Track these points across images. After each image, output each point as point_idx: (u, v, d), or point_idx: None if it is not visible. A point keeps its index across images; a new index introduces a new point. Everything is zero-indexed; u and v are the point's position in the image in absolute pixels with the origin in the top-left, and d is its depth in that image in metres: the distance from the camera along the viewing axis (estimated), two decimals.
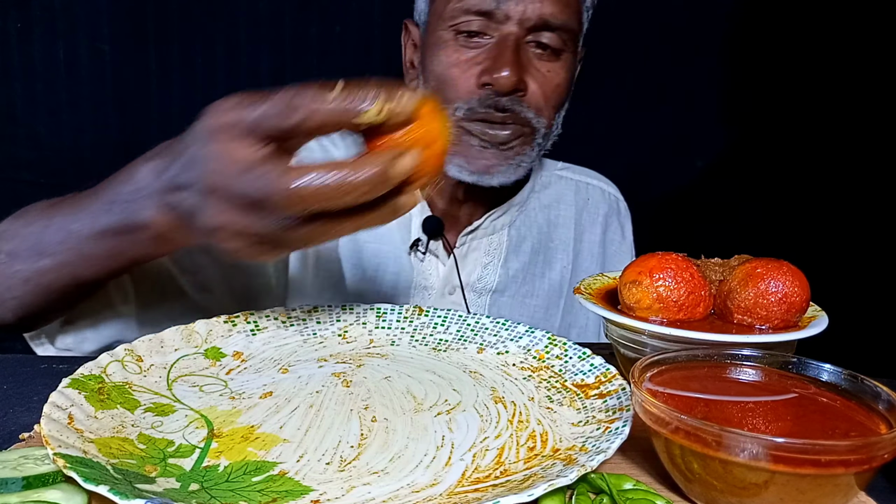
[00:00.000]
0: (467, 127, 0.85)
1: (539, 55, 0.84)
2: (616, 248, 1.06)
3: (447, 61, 0.85)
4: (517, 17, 0.81)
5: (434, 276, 0.95)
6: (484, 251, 0.97)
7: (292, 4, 1.14)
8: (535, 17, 0.82)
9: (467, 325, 0.69)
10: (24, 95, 1.10)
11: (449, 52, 0.85)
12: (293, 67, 1.16)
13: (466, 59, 0.84)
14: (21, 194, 1.13)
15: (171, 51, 1.12)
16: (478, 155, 0.85)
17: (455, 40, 0.84)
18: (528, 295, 0.99)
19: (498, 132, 0.84)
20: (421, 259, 0.94)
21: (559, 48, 0.85)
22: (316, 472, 0.43)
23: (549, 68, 0.85)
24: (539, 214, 1.02)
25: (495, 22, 0.82)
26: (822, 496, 0.37)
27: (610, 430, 0.46)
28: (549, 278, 1.00)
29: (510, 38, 0.82)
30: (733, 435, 0.37)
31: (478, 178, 0.86)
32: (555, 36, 0.83)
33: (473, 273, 0.96)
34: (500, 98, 0.82)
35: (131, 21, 1.11)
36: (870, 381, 0.44)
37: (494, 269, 0.97)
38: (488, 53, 0.83)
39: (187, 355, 0.61)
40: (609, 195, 1.08)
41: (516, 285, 0.99)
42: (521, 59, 0.82)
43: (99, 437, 0.45)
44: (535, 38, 0.83)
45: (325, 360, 0.63)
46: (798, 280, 0.55)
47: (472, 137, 0.85)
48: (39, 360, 0.64)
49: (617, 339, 0.60)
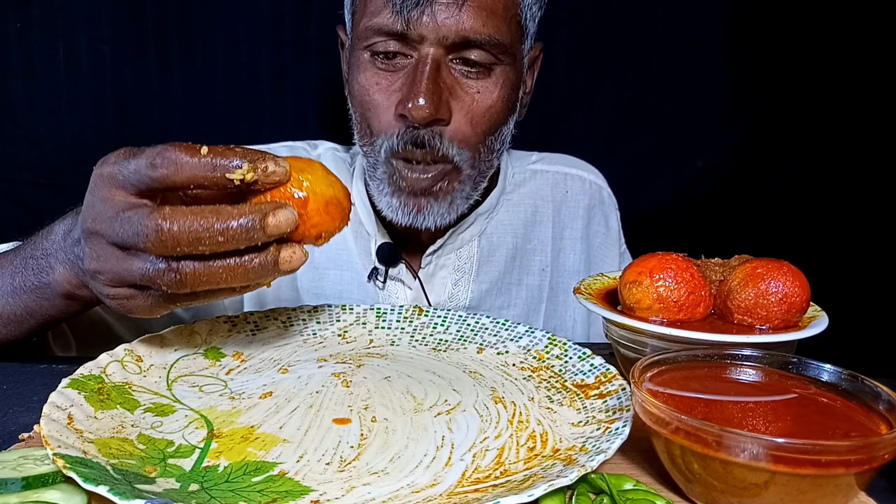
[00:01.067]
0: (396, 166, 0.78)
1: (466, 73, 0.76)
2: (601, 241, 1.00)
3: (366, 85, 0.77)
4: (433, 37, 0.73)
5: (402, 301, 0.89)
6: (452, 268, 0.91)
7: (292, 4, 1.13)
8: (452, 35, 0.73)
9: (467, 326, 0.69)
10: (24, 95, 1.10)
11: (368, 74, 0.77)
12: (293, 67, 1.16)
13: (385, 85, 0.76)
14: (21, 194, 1.14)
15: (171, 51, 1.12)
16: (407, 197, 0.79)
17: (372, 62, 0.77)
18: (505, 306, 0.94)
19: (419, 176, 0.78)
20: (381, 288, 0.90)
21: (489, 63, 0.76)
22: (316, 473, 0.43)
23: (480, 88, 0.76)
24: (512, 217, 0.95)
25: (411, 43, 0.74)
26: (823, 496, 0.37)
27: (610, 431, 0.46)
28: (526, 284, 0.95)
29: (427, 61, 0.73)
30: (733, 435, 0.37)
31: (411, 219, 0.80)
32: (482, 52, 0.75)
33: (443, 293, 0.91)
34: (417, 131, 0.75)
35: (131, 21, 1.10)
36: (870, 381, 0.44)
37: (466, 286, 0.91)
38: (405, 79, 0.75)
39: (187, 355, 0.61)
40: (590, 184, 1.00)
41: (491, 298, 0.93)
42: (439, 85, 0.74)
43: (99, 438, 0.45)
44: (460, 56, 0.75)
45: (324, 361, 0.63)
46: (798, 280, 0.55)
47: (401, 179, 0.78)
48: (39, 361, 0.64)
49: (617, 339, 0.59)
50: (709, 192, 1.31)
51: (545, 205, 0.97)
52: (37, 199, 1.14)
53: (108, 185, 0.47)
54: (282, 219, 0.46)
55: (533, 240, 0.96)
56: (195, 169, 0.45)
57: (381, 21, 0.74)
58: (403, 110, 0.74)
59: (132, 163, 0.46)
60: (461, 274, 0.91)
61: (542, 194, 0.97)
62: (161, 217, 0.44)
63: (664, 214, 1.29)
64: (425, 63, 0.73)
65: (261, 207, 0.45)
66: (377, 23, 0.74)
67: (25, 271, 0.59)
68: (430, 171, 0.78)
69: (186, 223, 0.44)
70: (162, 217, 0.44)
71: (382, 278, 0.89)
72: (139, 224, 0.45)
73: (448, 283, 0.91)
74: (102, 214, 0.47)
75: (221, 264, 0.46)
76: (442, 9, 0.72)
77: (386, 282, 0.89)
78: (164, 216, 0.44)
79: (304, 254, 0.49)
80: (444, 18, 0.72)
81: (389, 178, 0.79)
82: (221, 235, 0.44)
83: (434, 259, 0.90)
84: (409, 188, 0.78)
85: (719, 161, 1.30)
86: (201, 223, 0.44)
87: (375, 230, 0.89)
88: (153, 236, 0.44)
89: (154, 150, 0.46)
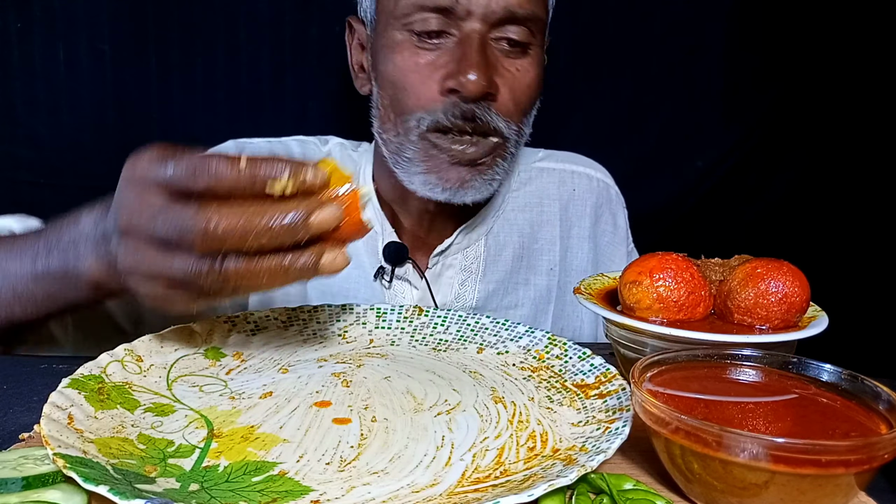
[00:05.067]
0: (433, 140, 0.77)
1: (507, 52, 0.76)
2: (609, 240, 0.98)
3: (404, 66, 0.76)
4: (480, 12, 0.73)
5: (408, 301, 0.88)
6: (459, 268, 0.90)
7: (292, 4, 1.13)
8: (500, 10, 0.73)
9: (467, 325, 0.69)
10: (24, 95, 1.10)
11: (405, 54, 0.76)
12: (293, 67, 1.16)
13: (426, 63, 0.75)
14: (21, 194, 1.14)
15: (171, 51, 1.12)
16: (448, 170, 0.78)
17: (411, 41, 0.75)
18: (512, 306, 0.93)
19: (467, 148, 0.76)
20: (387, 287, 0.89)
21: (527, 42, 0.77)
22: (316, 472, 0.43)
23: (519, 66, 0.77)
24: (519, 216, 0.94)
25: (456, 19, 0.73)
26: (823, 496, 0.37)
27: (610, 431, 0.46)
28: (534, 284, 0.94)
29: (474, 37, 0.73)
30: (733, 435, 0.37)
31: (450, 195, 0.79)
32: (522, 29, 0.75)
33: (450, 293, 0.90)
34: (467, 106, 0.74)
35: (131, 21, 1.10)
36: (870, 381, 0.44)
37: (472, 286, 0.90)
38: (451, 55, 0.74)
39: (187, 355, 0.61)
40: (597, 182, 0.99)
41: (498, 298, 0.92)
42: (488, 60, 0.74)
43: (99, 437, 0.45)
44: (501, 34, 0.75)
45: (325, 360, 0.63)
46: (798, 280, 0.55)
47: (440, 152, 0.77)
48: (39, 361, 0.64)
49: (617, 339, 0.59)
50: (709, 192, 1.31)
51: (552, 203, 0.96)
52: (37, 199, 1.14)
53: (145, 185, 0.47)
54: (327, 216, 0.46)
55: (540, 239, 0.95)
56: (235, 181, 0.45)
57: None
58: (455, 84, 0.73)
59: (170, 168, 0.46)
60: (468, 274, 0.90)
61: (548, 192, 0.96)
62: (209, 213, 0.44)
63: (664, 214, 1.28)
64: (473, 38, 0.74)
65: (307, 205, 0.46)
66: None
67: (49, 257, 0.58)
68: (478, 144, 0.77)
69: (234, 220, 0.44)
70: (210, 213, 0.44)
71: (388, 277, 0.88)
72: (187, 220, 0.45)
73: (455, 283, 0.90)
74: (141, 212, 0.47)
75: (263, 264, 0.46)
76: None
77: (392, 281, 0.88)
78: (213, 213, 0.44)
79: (347, 258, 0.49)
80: None
81: (425, 154, 0.78)
82: (269, 233, 0.45)
83: (441, 259, 0.89)
84: (454, 159, 0.77)
85: (719, 161, 1.30)
86: (248, 220, 0.44)
87: (384, 229, 0.89)
88: (201, 232, 0.44)
89: (192, 161, 0.46)
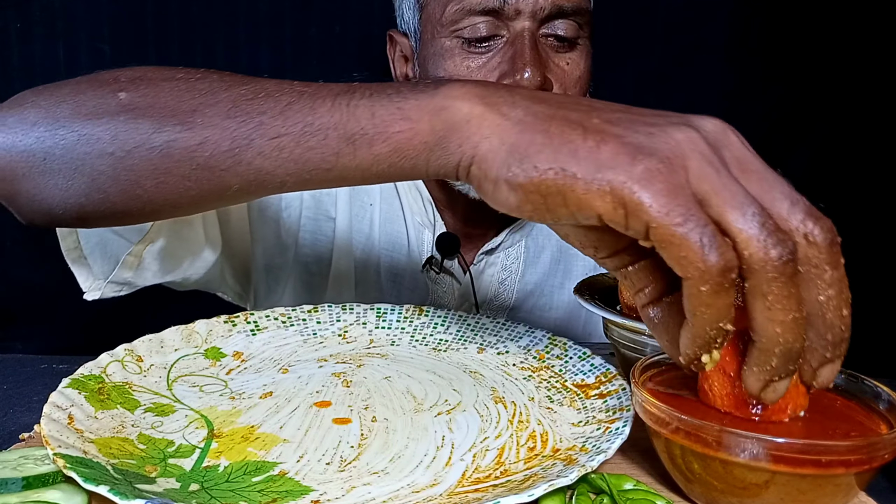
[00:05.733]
0: None
1: (556, 48, 0.77)
2: None
3: (456, 72, 0.77)
4: (529, 10, 0.73)
5: (450, 294, 0.90)
6: (501, 267, 0.92)
7: (292, 4, 1.13)
8: (548, 6, 0.73)
9: (467, 325, 0.69)
10: None
11: (457, 61, 0.77)
12: (293, 67, 1.16)
13: (479, 66, 0.76)
14: None
15: (171, 51, 1.12)
16: None
17: (461, 48, 0.76)
18: (547, 308, 0.94)
19: None
20: (434, 279, 0.90)
21: (575, 36, 0.77)
22: (316, 472, 0.43)
23: (569, 59, 0.77)
24: None
25: (505, 19, 0.74)
26: (823, 496, 0.37)
27: (610, 431, 0.46)
28: (568, 289, 0.93)
29: (525, 35, 0.74)
30: (734, 435, 0.37)
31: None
32: (569, 23, 0.76)
33: (490, 291, 0.91)
34: None
35: (131, 21, 1.10)
36: (870, 381, 0.44)
37: (512, 286, 0.92)
38: (503, 56, 0.75)
39: (187, 355, 0.61)
40: None
41: (534, 299, 0.93)
42: (542, 56, 0.74)
43: (99, 438, 0.45)
44: (549, 31, 0.75)
45: (325, 360, 0.63)
46: None
47: None
48: (39, 360, 0.64)
49: (617, 339, 0.59)
50: None
51: None
52: None
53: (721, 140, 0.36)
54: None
55: None
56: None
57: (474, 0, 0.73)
58: (511, 83, 0.72)
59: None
60: (507, 273, 0.92)
61: None
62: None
63: None
64: (523, 37, 0.73)
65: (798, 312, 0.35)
66: (470, 2, 0.73)
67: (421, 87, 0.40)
68: None
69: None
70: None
71: (438, 267, 0.88)
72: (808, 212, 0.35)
73: (495, 281, 0.92)
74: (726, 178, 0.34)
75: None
76: None
77: (440, 272, 0.89)
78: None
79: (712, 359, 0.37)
80: None
81: None
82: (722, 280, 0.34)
83: (486, 257, 0.91)
84: None
85: None
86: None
87: (433, 222, 0.90)
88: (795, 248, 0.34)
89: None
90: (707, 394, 0.42)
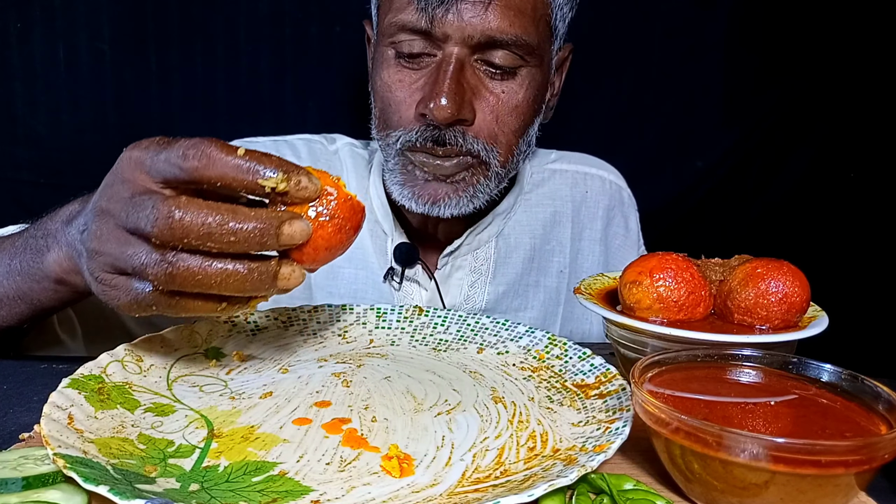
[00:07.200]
0: (409, 156, 0.77)
1: (491, 74, 0.74)
2: (620, 243, 0.98)
3: (388, 82, 0.76)
4: (458, 36, 0.71)
5: (416, 302, 0.88)
6: (469, 269, 0.90)
7: (292, 4, 1.13)
8: (478, 35, 0.71)
9: (467, 325, 0.69)
10: (24, 95, 1.10)
11: (390, 71, 0.76)
12: (293, 67, 1.16)
13: (408, 83, 0.75)
14: (21, 194, 1.14)
15: (171, 51, 1.12)
16: (424, 186, 0.77)
17: (396, 59, 0.76)
18: (522, 308, 0.92)
19: (441, 163, 0.76)
20: (397, 289, 0.88)
21: (514, 65, 0.74)
22: (316, 472, 0.43)
23: (504, 88, 0.75)
24: (531, 218, 0.93)
25: (435, 41, 0.73)
26: (823, 496, 0.37)
27: (610, 430, 0.46)
28: (544, 286, 0.93)
29: (451, 60, 0.72)
30: (734, 435, 0.37)
31: (427, 208, 0.78)
32: (507, 53, 0.73)
33: (459, 295, 0.89)
34: (438, 130, 0.73)
35: (131, 21, 1.10)
36: (870, 381, 0.44)
37: (482, 287, 0.90)
38: (428, 77, 0.74)
39: (187, 355, 0.61)
40: (610, 184, 0.99)
41: (508, 300, 0.92)
42: (462, 86, 0.72)
43: (99, 438, 0.45)
44: (484, 58, 0.73)
45: (325, 360, 0.63)
46: (798, 280, 0.55)
47: (415, 168, 0.77)
48: (39, 361, 0.64)
49: (617, 339, 0.59)
50: (709, 192, 1.31)
51: (564, 205, 0.95)
52: (37, 199, 1.14)
53: (134, 168, 0.46)
54: (297, 230, 0.45)
55: (552, 241, 0.94)
56: (228, 167, 0.44)
57: (405, 17, 0.73)
58: (424, 110, 0.73)
59: (163, 152, 0.45)
60: (478, 275, 0.90)
61: (561, 194, 0.96)
62: (175, 205, 0.43)
63: (664, 214, 1.28)
64: (448, 62, 0.72)
65: (278, 214, 0.45)
66: (401, 19, 0.73)
67: (24, 253, 0.58)
68: (452, 160, 0.76)
69: (201, 216, 0.43)
70: (176, 205, 0.43)
71: (399, 279, 0.87)
72: (151, 208, 0.43)
73: (464, 284, 0.90)
74: (118, 195, 0.46)
75: (220, 267, 0.44)
76: (468, 7, 0.71)
77: (402, 282, 0.87)
78: (179, 205, 0.43)
79: (302, 275, 0.48)
80: (470, 17, 0.71)
81: (403, 168, 0.78)
82: (234, 235, 0.43)
83: (451, 260, 0.89)
84: (429, 175, 0.77)
85: (719, 161, 1.30)
86: (216, 218, 0.43)
87: (393, 229, 0.88)
88: (162, 222, 0.43)
89: (189, 142, 0.45)
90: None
